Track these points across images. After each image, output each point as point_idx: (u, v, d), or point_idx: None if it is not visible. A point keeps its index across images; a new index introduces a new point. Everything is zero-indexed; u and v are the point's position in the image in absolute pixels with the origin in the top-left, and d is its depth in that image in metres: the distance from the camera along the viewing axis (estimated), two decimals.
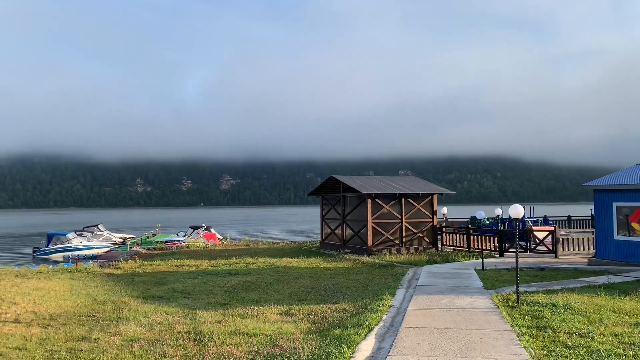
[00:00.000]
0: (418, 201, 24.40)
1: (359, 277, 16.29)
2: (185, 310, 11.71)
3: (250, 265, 20.36)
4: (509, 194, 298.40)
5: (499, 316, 9.39)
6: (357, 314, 10.34)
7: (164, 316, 11.08)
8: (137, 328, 9.87)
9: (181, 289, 14.94)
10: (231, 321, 10.37)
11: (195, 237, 40.99)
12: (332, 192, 27.12)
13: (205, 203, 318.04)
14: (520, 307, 10.14)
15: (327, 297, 12.85)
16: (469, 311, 9.93)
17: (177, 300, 13.13)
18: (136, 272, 19.27)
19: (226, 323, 10.16)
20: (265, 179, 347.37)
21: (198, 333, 9.18)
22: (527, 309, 9.93)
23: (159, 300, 13.31)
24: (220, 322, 10.27)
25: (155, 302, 12.88)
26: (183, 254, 26.97)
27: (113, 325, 10.20)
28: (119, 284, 16.21)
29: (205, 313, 11.32)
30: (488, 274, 16.36)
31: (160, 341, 8.69)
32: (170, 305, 12.39)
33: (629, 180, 16.61)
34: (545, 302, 10.42)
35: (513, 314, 9.65)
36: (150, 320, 10.62)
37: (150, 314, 11.30)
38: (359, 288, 14.14)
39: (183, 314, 11.36)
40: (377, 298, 12.00)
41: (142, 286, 15.76)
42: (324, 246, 27.34)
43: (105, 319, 10.93)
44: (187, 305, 12.37)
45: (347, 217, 25.39)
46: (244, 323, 10.09)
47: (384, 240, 23.64)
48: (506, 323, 8.76)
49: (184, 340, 8.68)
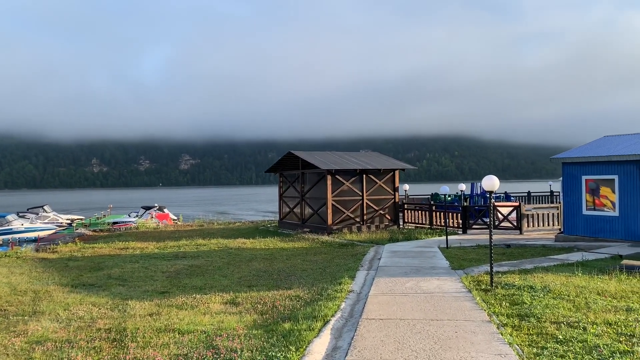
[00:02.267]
0: (379, 177, 23.27)
1: (316, 258, 15.03)
2: (116, 301, 10.17)
3: (200, 248, 18.84)
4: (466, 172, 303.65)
5: (472, 302, 8.24)
6: (311, 302, 9.04)
7: (88, 308, 9.51)
8: (50, 325, 8.29)
9: (118, 274, 13.34)
10: (165, 313, 8.91)
11: (147, 217, 38.90)
12: (290, 169, 25.69)
13: (164, 183, 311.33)
14: (495, 291, 9.05)
15: (280, 282, 11.52)
16: (438, 296, 8.76)
17: (110, 289, 11.56)
18: (73, 257, 17.48)
19: (159, 316, 8.70)
20: (226, 159, 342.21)
21: (121, 331, 7.69)
22: (503, 293, 8.84)
23: (89, 288, 11.70)
24: (152, 316, 8.80)
25: (84, 291, 11.27)
26: (130, 235, 25.15)
27: (23, 322, 8.58)
28: (49, 270, 14.46)
29: (138, 304, 9.81)
30: (453, 252, 15.38)
31: (72, 343, 7.17)
32: (101, 295, 10.82)
33: (600, 152, 15.83)
34: (522, 285, 9.36)
35: (488, 299, 8.52)
36: (70, 315, 9.05)
37: (73, 306, 9.72)
38: (316, 270, 12.86)
39: (112, 305, 9.82)
40: (335, 282, 10.74)
41: (74, 272, 14.06)
42: (282, 226, 25.98)
43: (18, 313, 9.28)
44: (120, 295, 10.82)
45: (306, 194, 24.05)
46: (180, 316, 8.65)
47: (345, 219, 22.46)
48: (482, 311, 7.61)
49: (100, 341, 7.18)
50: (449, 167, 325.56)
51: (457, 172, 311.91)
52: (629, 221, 15.16)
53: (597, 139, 17.96)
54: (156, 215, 39.39)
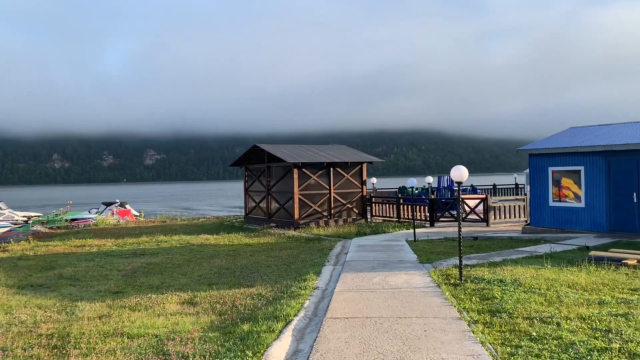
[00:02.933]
0: (347, 171, 22.90)
1: (282, 254, 14.52)
2: (64, 302, 9.46)
3: (161, 244, 18.11)
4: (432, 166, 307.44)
5: (441, 298, 7.89)
6: (274, 300, 8.54)
7: (32, 312, 8.78)
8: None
9: (70, 274, 12.55)
10: (116, 316, 8.28)
11: (107, 214, 37.60)
12: (256, 163, 25.06)
13: (128, 179, 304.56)
14: (464, 285, 8.73)
15: (242, 280, 10.98)
16: (406, 292, 8.39)
17: (60, 289, 10.80)
18: (24, 256, 16.51)
19: (109, 319, 8.06)
20: (193, 154, 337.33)
21: (64, 336, 7.04)
22: (472, 287, 8.52)
23: (37, 289, 10.92)
24: (101, 318, 8.15)
25: (30, 293, 10.50)
26: (89, 232, 24.14)
27: None
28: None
29: (88, 305, 9.13)
30: (420, 245, 15.12)
31: (7, 351, 6.49)
32: (49, 296, 10.07)
33: (566, 144, 15.79)
34: (492, 278, 9.07)
35: (457, 294, 8.19)
36: (10, 319, 8.32)
37: (17, 309, 8.97)
38: (281, 267, 12.37)
39: (60, 307, 9.12)
40: (299, 279, 10.27)
41: (23, 272, 13.19)
42: (248, 221, 25.36)
43: None
44: (70, 296, 10.10)
45: (272, 189, 23.49)
46: (132, 318, 8.03)
47: (312, 213, 22.01)
48: (452, 307, 7.25)
49: (40, 348, 6.53)
50: (415, 161, 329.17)
51: (423, 166, 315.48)
52: (595, 212, 15.17)
53: (564, 130, 17.98)
54: (117, 212, 38.10)
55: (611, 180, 14.78)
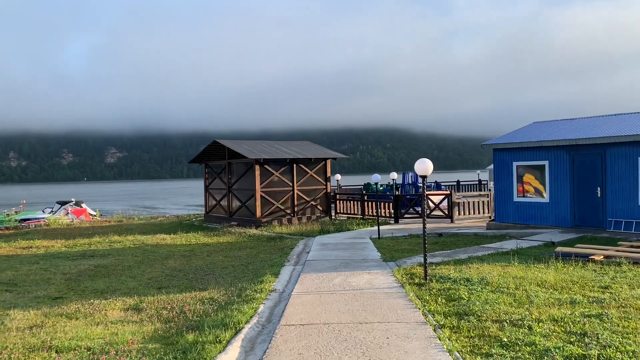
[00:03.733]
0: (310, 167, 22.31)
1: (240, 254, 13.83)
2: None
3: (114, 245, 17.15)
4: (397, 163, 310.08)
5: (405, 299, 7.38)
6: (226, 305, 7.88)
7: None
8: None
9: (8, 278, 11.56)
10: (50, 325, 7.47)
11: (62, 213, 35.97)
12: (216, 160, 24.21)
13: (89, 178, 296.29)
14: (430, 285, 8.25)
15: (195, 282, 10.25)
16: (368, 294, 7.85)
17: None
18: None
19: (41, 329, 7.25)
20: (156, 152, 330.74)
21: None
22: (438, 287, 8.04)
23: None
24: (32, 329, 7.33)
25: None
26: (39, 233, 22.84)
27: None
28: None
29: (21, 314, 8.26)
30: (385, 242, 14.68)
31: None
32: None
33: (530, 138, 15.60)
34: (458, 277, 8.62)
35: (422, 295, 7.69)
36: None
37: None
38: (238, 267, 11.68)
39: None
40: (256, 280, 9.62)
41: None
42: (209, 219, 24.49)
43: None
44: (4, 303, 9.18)
45: (233, 186, 22.70)
46: (67, 328, 7.24)
47: (274, 210, 21.34)
48: (416, 310, 6.74)
49: None
50: (381, 159, 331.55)
51: (388, 163, 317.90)
52: (559, 207, 15.02)
53: (528, 125, 17.84)
54: (72, 211, 36.48)
55: (575, 175, 14.65)
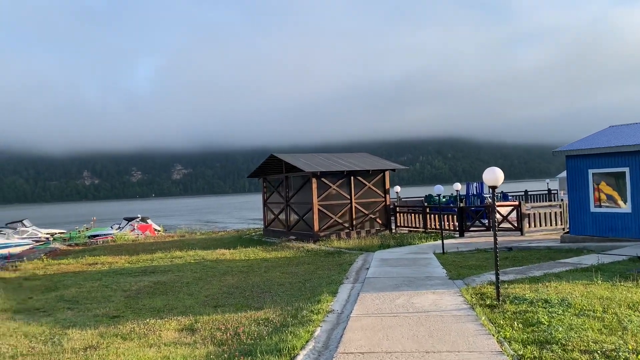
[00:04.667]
0: (368, 179, 21.73)
1: (298, 270, 13.44)
2: (55, 330, 8.56)
3: (175, 261, 17.23)
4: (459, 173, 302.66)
5: (476, 324, 6.68)
6: (281, 327, 7.46)
7: (16, 342, 7.90)
8: None
9: (71, 296, 11.71)
10: (105, 347, 7.32)
11: (129, 229, 37.15)
12: (274, 173, 24.11)
13: (157, 194, 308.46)
14: (503, 307, 7.49)
15: (251, 301, 9.93)
16: (434, 317, 7.20)
17: (56, 314, 9.94)
18: (33, 275, 15.82)
19: (95, 351, 7.10)
20: (219, 168, 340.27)
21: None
22: (513, 310, 7.27)
23: (32, 314, 10.08)
24: (87, 350, 7.21)
25: (23, 319, 9.65)
26: (105, 249, 23.48)
27: None
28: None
29: (78, 334, 8.21)
30: (450, 258, 13.86)
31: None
32: (41, 322, 9.20)
33: (608, 143, 14.36)
34: (535, 298, 7.80)
35: (495, 318, 6.96)
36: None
37: (1, 339, 8.09)
38: (295, 285, 11.28)
39: (48, 335, 8.22)
40: (313, 299, 9.16)
41: (25, 294, 12.41)
42: (267, 234, 24.37)
43: None
44: (64, 321, 9.21)
45: (290, 200, 22.47)
46: (121, 350, 7.06)
47: (332, 224, 20.88)
48: (490, 337, 6.04)
49: None
50: (442, 169, 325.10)
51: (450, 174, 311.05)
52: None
53: (603, 129, 16.51)
54: (138, 227, 37.65)
55: None
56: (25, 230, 40.91)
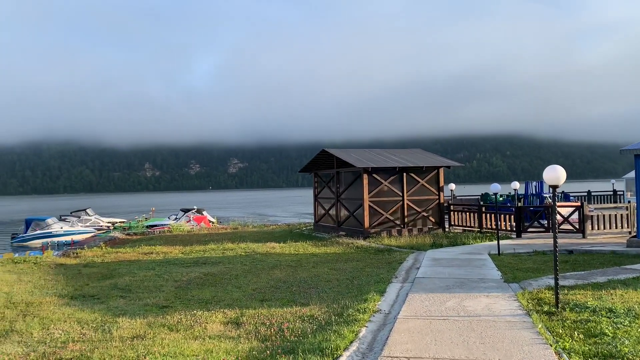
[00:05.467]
0: (422, 176, 21.22)
1: (346, 266, 13.24)
2: (106, 317, 8.76)
3: (226, 252, 17.45)
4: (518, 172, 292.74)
5: (532, 332, 6.26)
6: (326, 325, 7.30)
7: (69, 327, 8.13)
8: (12, 350, 6.95)
9: (125, 284, 12.01)
10: (151, 337, 7.40)
11: (185, 220, 38.16)
12: (325, 169, 24.01)
13: (213, 187, 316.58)
14: (562, 315, 7.01)
15: (297, 296, 9.83)
16: (487, 322, 6.83)
17: (108, 302, 10.20)
18: (91, 262, 16.42)
19: (141, 341, 7.19)
20: (273, 162, 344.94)
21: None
22: (573, 318, 6.79)
23: (86, 301, 10.39)
24: (134, 339, 7.30)
25: (78, 305, 9.96)
26: (161, 239, 24.16)
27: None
28: (59, 278, 13.35)
29: (128, 322, 8.36)
30: (506, 260, 13.28)
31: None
32: (94, 309, 9.45)
33: None
34: (597, 306, 7.27)
35: (554, 327, 6.52)
36: (43, 336, 7.68)
37: (55, 324, 8.36)
38: (342, 282, 11.09)
39: (99, 323, 8.42)
40: (360, 298, 8.95)
41: (82, 281, 12.86)
42: (318, 229, 24.32)
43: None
44: (115, 309, 9.43)
45: (341, 195, 22.30)
46: (166, 341, 7.11)
47: (383, 221, 20.54)
48: (547, 347, 5.64)
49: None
50: (500, 168, 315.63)
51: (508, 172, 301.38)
52: None
53: None
54: (194, 218, 38.61)
55: None
56: (88, 218, 42.82)
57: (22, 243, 35.22)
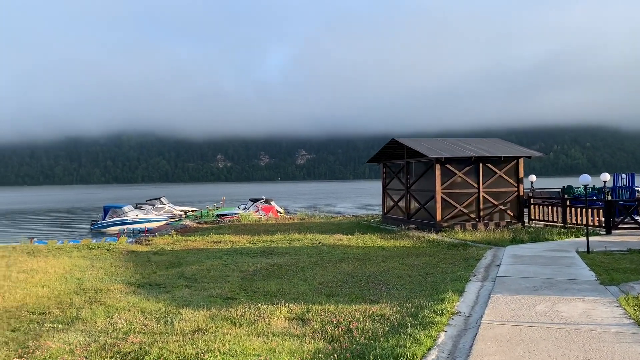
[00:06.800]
0: (499, 167, 19.88)
1: (418, 262, 12.43)
2: (170, 308, 8.54)
3: (293, 243, 17.09)
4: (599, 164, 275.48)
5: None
6: (399, 327, 6.61)
7: (132, 317, 7.94)
8: (74, 339, 6.80)
9: (191, 273, 11.87)
10: (213, 331, 7.04)
11: (253, 209, 38.52)
12: (394, 159, 23.13)
13: (282, 178, 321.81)
14: None
15: (366, 292, 9.19)
16: (587, 332, 5.89)
17: (174, 291, 10.03)
18: (161, 250, 16.58)
19: (203, 335, 6.84)
20: (340, 154, 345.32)
21: (140, 358, 5.88)
22: None
23: (152, 289, 10.28)
24: (196, 333, 6.97)
25: (144, 293, 9.85)
26: (230, 228, 24.26)
27: (48, 333, 7.18)
28: (129, 265, 13.47)
29: (191, 314, 8.08)
30: (597, 258, 11.98)
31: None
32: (159, 299, 9.29)
33: None
34: None
35: None
36: (106, 325, 7.52)
37: (119, 314, 8.22)
38: (415, 278, 10.33)
39: (163, 313, 8.19)
40: (436, 297, 8.17)
41: (150, 268, 12.88)
42: (386, 221, 23.51)
43: (56, 320, 7.96)
44: (180, 299, 9.21)
45: (411, 187, 21.36)
46: (228, 337, 6.71)
47: (457, 214, 19.44)
48: None
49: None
50: (579, 160, 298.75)
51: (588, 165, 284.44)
52: None
53: None
54: (262, 208, 38.90)
55: None
56: (162, 206, 44.25)
57: (100, 229, 36.87)
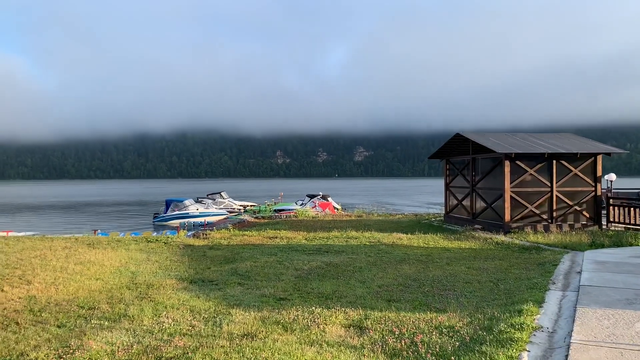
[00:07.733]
0: (575, 164, 18.34)
1: (487, 266, 11.42)
2: (220, 307, 8.08)
3: (350, 241, 16.41)
4: None
5: None
6: (471, 342, 5.78)
7: (180, 317, 7.52)
8: (118, 339, 6.42)
9: (245, 270, 11.43)
10: (262, 337, 6.46)
11: (310, 205, 38.15)
12: (458, 155, 21.94)
13: (339, 174, 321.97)
14: None
15: (431, 299, 8.36)
16: None
17: (225, 289, 9.59)
18: (217, 245, 16.35)
19: (251, 342, 6.27)
20: (399, 151, 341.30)
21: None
22: None
23: (204, 286, 9.89)
24: (244, 338, 6.42)
25: (195, 290, 9.47)
26: (286, 223, 23.89)
27: (92, 331, 6.85)
28: (184, 259, 13.25)
29: (241, 315, 7.57)
30: None
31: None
32: (210, 297, 8.86)
33: None
34: None
35: None
36: (153, 324, 7.13)
37: (168, 311, 7.84)
38: (485, 285, 9.38)
39: (212, 313, 7.73)
40: (512, 308, 7.24)
41: (205, 264, 12.57)
42: (449, 220, 22.36)
43: (103, 316, 7.67)
44: (231, 298, 8.74)
45: (477, 184, 20.13)
46: (278, 344, 6.11)
47: (527, 215, 18.09)
48: None
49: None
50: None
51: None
52: None
53: None
54: (319, 204, 38.46)
55: None
56: (222, 201, 44.69)
57: (162, 222, 37.65)
